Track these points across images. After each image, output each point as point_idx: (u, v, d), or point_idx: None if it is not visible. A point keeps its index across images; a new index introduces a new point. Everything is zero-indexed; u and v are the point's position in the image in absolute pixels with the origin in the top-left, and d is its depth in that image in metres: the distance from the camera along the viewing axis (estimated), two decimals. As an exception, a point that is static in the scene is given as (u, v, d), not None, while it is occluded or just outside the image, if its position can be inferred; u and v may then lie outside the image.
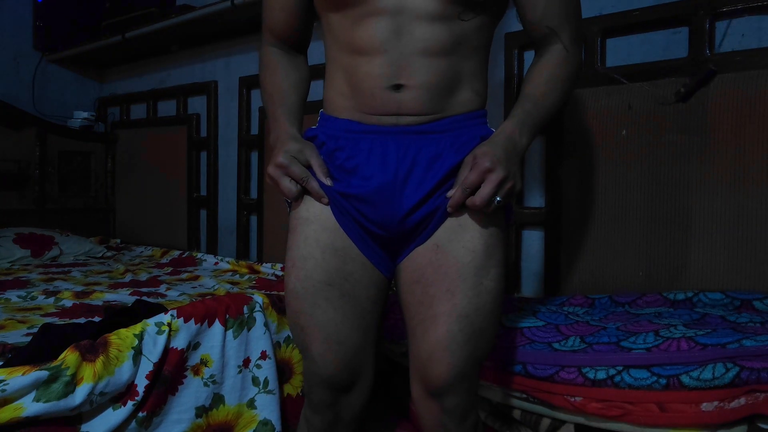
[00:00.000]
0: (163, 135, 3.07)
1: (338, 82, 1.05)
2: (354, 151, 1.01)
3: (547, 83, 1.03)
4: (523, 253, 1.92)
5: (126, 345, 1.26)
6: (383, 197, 0.99)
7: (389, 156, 0.99)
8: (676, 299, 1.47)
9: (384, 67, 0.98)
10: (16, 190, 3.02)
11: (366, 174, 1.00)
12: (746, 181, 1.47)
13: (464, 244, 0.99)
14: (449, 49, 0.98)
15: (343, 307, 1.03)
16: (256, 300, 1.51)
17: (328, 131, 1.05)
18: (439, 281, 1.00)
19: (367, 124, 1.01)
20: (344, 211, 1.02)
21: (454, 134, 1.01)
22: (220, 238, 2.85)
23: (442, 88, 1.00)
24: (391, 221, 1.00)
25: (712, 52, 1.54)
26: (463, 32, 0.99)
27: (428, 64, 0.98)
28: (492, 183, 0.93)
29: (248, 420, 1.45)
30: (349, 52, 1.02)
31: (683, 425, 1.08)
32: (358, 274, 1.03)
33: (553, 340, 1.32)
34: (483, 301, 0.99)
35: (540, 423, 1.25)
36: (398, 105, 0.99)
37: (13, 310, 1.66)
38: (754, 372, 1.04)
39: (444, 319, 0.99)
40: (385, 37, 0.97)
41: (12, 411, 1.11)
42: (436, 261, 1.00)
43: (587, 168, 1.72)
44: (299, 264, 1.03)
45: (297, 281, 1.03)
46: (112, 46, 2.94)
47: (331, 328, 1.02)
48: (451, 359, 0.99)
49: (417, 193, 0.99)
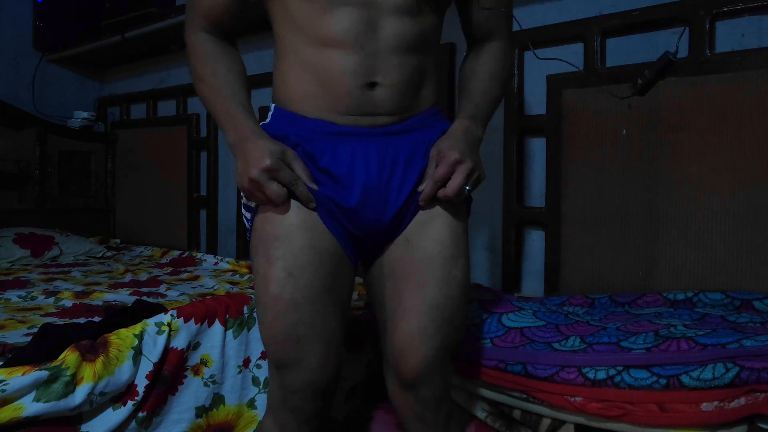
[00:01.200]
0: (163, 135, 3.07)
1: (302, 78, 0.99)
2: (334, 156, 0.98)
3: (491, 79, 1.09)
4: (524, 253, 1.92)
5: (126, 345, 1.26)
6: (370, 208, 1.00)
7: (372, 163, 0.99)
8: (676, 299, 1.47)
9: (358, 64, 0.96)
10: (16, 190, 3.02)
11: (351, 184, 0.98)
12: (747, 181, 1.47)
13: (433, 236, 1.01)
14: (417, 45, 1.00)
15: (336, 312, 1.01)
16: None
17: (299, 132, 1.00)
18: (410, 274, 1.01)
19: (343, 125, 0.99)
20: (333, 216, 1.00)
21: (422, 132, 1.03)
22: (220, 238, 2.85)
23: (413, 85, 1.01)
24: (378, 226, 1.02)
25: (712, 52, 1.54)
26: (427, 28, 1.01)
27: (401, 62, 0.98)
28: (462, 173, 0.97)
29: (248, 420, 1.45)
30: (314, 44, 0.97)
31: (683, 425, 1.08)
32: (345, 277, 1.03)
33: (553, 340, 1.32)
34: (452, 291, 1.01)
35: (540, 423, 1.25)
36: (374, 105, 0.99)
37: (13, 310, 1.66)
38: (754, 372, 1.04)
39: (415, 312, 1.00)
40: (359, 31, 0.95)
41: (12, 411, 1.11)
42: (406, 255, 1.02)
43: (587, 168, 1.72)
44: (298, 273, 0.97)
45: (297, 291, 0.97)
46: (112, 46, 2.94)
47: (330, 335, 1.00)
48: (424, 350, 1.01)
49: (400, 197, 1.00)
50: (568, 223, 1.77)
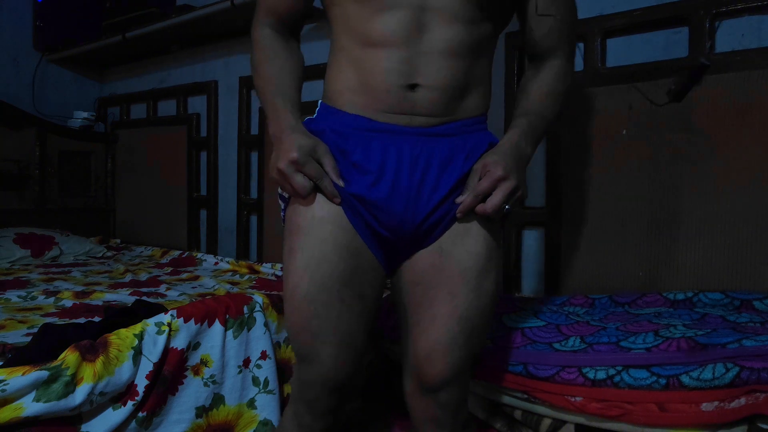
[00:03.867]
0: (163, 135, 3.07)
1: (347, 75, 1.02)
2: (367, 151, 0.99)
3: (548, 97, 1.06)
4: (523, 253, 1.92)
5: (126, 345, 1.26)
6: (398, 203, 0.99)
7: (404, 159, 0.98)
8: (676, 299, 1.47)
9: (400, 64, 0.97)
10: (16, 190, 3.02)
11: (381, 178, 0.98)
12: (747, 181, 1.47)
13: (467, 248, 1.00)
14: (466, 51, 0.99)
15: (355, 308, 1.01)
16: (256, 300, 1.51)
17: (335, 126, 1.02)
18: (441, 284, 1.01)
19: (379, 122, 0.99)
20: (357, 212, 1.00)
21: (463, 138, 1.01)
22: (220, 238, 2.85)
23: (456, 90, 1.00)
24: (406, 228, 1.00)
25: (712, 52, 1.54)
26: (480, 36, 1.00)
27: (445, 66, 0.98)
28: (504, 191, 0.95)
29: (248, 420, 1.45)
30: (362, 44, 1.00)
31: (683, 425, 1.08)
32: (370, 275, 1.03)
33: (553, 340, 1.32)
34: (483, 303, 1.01)
35: (540, 423, 1.26)
36: (412, 105, 0.98)
37: (13, 310, 1.66)
38: (754, 372, 1.04)
39: (444, 320, 1.00)
40: (404, 32, 0.96)
41: (12, 411, 1.11)
42: (438, 264, 1.01)
43: (587, 168, 1.72)
44: (314, 266, 0.98)
45: (312, 285, 0.98)
46: (112, 46, 2.94)
47: (345, 331, 1.00)
48: (450, 359, 1.01)
49: (432, 199, 0.99)
50: (568, 223, 1.77)
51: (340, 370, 1.01)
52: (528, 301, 1.66)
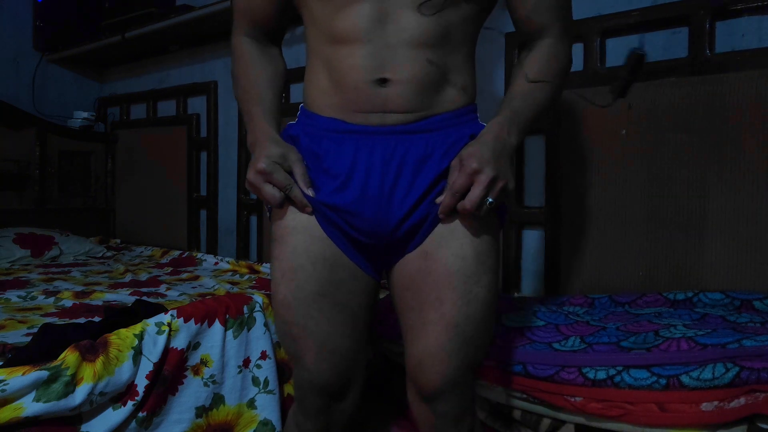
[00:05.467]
0: (163, 135, 3.07)
1: (319, 77, 1.00)
2: (337, 155, 0.97)
3: (538, 78, 0.98)
4: (523, 253, 1.92)
5: (126, 345, 1.26)
6: (371, 207, 0.96)
7: (375, 161, 0.95)
8: (676, 299, 1.47)
9: (367, 59, 0.93)
10: (16, 190, 3.02)
11: (349, 182, 0.96)
12: (746, 181, 1.47)
13: (453, 251, 0.95)
14: (437, 41, 0.94)
15: (335, 316, 1.00)
16: (256, 300, 1.51)
17: (310, 130, 1.00)
18: (428, 289, 0.96)
19: (351, 123, 0.96)
20: (330, 221, 0.98)
21: (443, 133, 0.96)
22: (220, 238, 2.85)
23: (429, 83, 0.95)
24: (381, 232, 0.97)
25: (712, 52, 1.54)
26: (450, 23, 0.94)
27: (413, 56, 0.93)
28: (481, 184, 0.89)
29: (248, 420, 1.45)
30: (329, 42, 0.97)
31: (683, 425, 1.08)
32: (350, 283, 1.01)
33: (553, 340, 1.32)
34: (473, 310, 0.95)
35: (540, 423, 1.26)
36: (384, 101, 0.94)
37: (13, 310, 1.66)
38: (754, 372, 1.04)
39: (432, 328, 0.97)
40: (368, 25, 0.92)
41: (12, 411, 1.11)
42: (425, 268, 0.97)
43: (587, 168, 1.72)
44: (289, 275, 0.99)
45: (288, 292, 1.00)
46: (112, 46, 2.94)
47: (324, 338, 1.00)
48: (440, 368, 0.97)
49: (406, 202, 0.95)
50: (567, 223, 1.77)
51: (322, 373, 1.02)
52: (528, 301, 1.66)
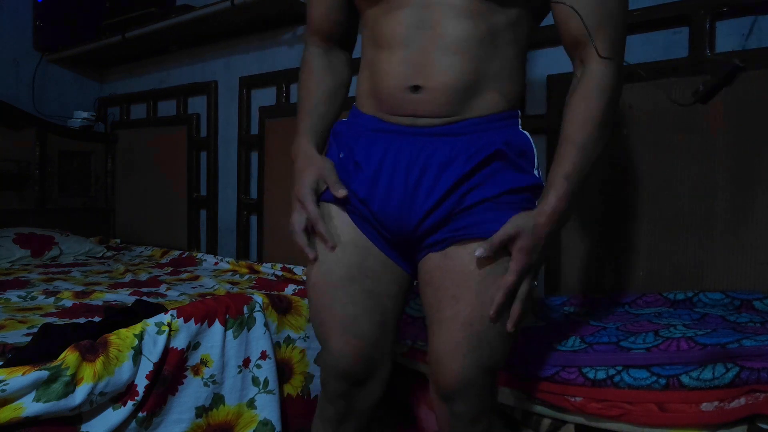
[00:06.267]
0: (163, 135, 3.07)
1: (363, 78, 1.05)
2: (370, 151, 1.00)
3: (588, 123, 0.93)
4: (523, 253, 1.91)
5: (126, 345, 1.26)
6: (395, 203, 0.98)
7: (402, 159, 0.97)
8: (676, 299, 1.47)
9: (402, 65, 0.96)
10: (16, 190, 3.02)
11: (377, 177, 0.99)
12: (746, 181, 1.47)
13: (470, 251, 0.96)
14: (475, 46, 0.94)
15: (363, 302, 1.04)
16: (256, 300, 1.51)
17: (353, 127, 1.06)
18: (446, 286, 0.98)
19: (386, 122, 1.00)
20: (359, 213, 1.03)
21: (472, 137, 0.96)
22: (220, 238, 2.85)
23: (462, 89, 0.95)
24: (404, 228, 1.00)
25: (712, 52, 1.54)
26: (493, 28, 0.94)
27: (449, 64, 0.94)
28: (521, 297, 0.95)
29: (248, 420, 1.45)
30: (374, 46, 1.01)
31: (683, 425, 1.08)
32: (379, 272, 1.04)
33: (553, 340, 1.32)
34: (488, 311, 0.95)
35: (540, 423, 1.25)
36: (415, 106, 0.96)
37: (13, 310, 1.66)
38: (754, 372, 1.04)
39: (448, 325, 0.98)
40: (408, 31, 0.95)
41: (12, 411, 1.11)
42: (444, 265, 0.98)
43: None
44: (321, 258, 1.05)
45: (318, 276, 1.05)
46: (112, 46, 2.94)
47: (349, 322, 1.04)
48: (455, 366, 0.98)
49: (429, 201, 0.96)
50: (568, 223, 1.76)
51: (346, 358, 1.05)
52: (528, 301, 1.66)
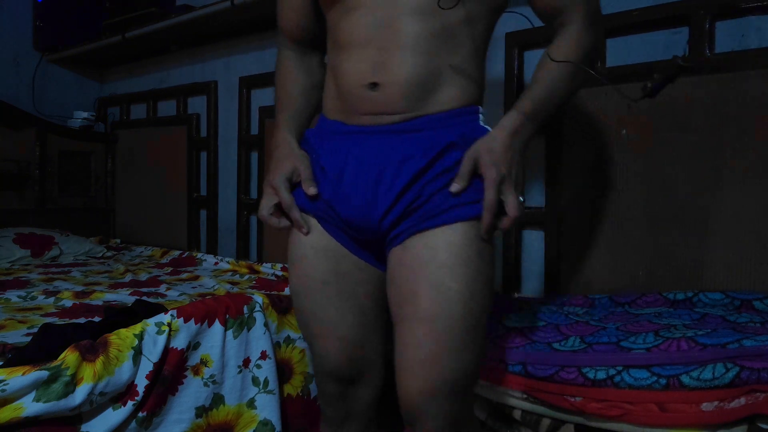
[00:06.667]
0: (163, 135, 3.07)
1: (329, 82, 1.06)
2: (334, 154, 1.02)
3: (557, 69, 0.97)
4: (523, 253, 1.91)
5: (126, 345, 1.26)
6: (359, 202, 0.99)
7: (364, 159, 0.98)
8: (676, 299, 1.47)
9: (361, 63, 0.96)
10: (16, 190, 3.02)
11: (343, 179, 1.00)
12: (746, 180, 1.47)
13: (425, 241, 0.94)
14: (429, 43, 0.95)
15: (341, 305, 1.04)
16: (256, 300, 1.51)
17: (318, 132, 1.07)
18: (406, 282, 0.96)
19: (349, 124, 1.01)
20: (331, 220, 1.04)
21: (431, 133, 0.96)
22: (220, 238, 2.85)
23: (420, 85, 0.95)
24: (369, 227, 1.00)
25: (712, 52, 1.54)
26: (449, 25, 0.95)
27: (406, 61, 0.94)
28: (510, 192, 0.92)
29: (248, 420, 1.45)
30: (335, 48, 1.02)
31: (683, 425, 1.08)
32: (353, 273, 1.05)
33: (553, 340, 1.32)
34: (451, 309, 0.92)
35: (540, 423, 1.25)
36: (374, 104, 0.97)
37: (13, 310, 1.66)
38: (754, 372, 1.04)
39: (409, 324, 0.95)
40: (365, 31, 0.96)
41: (12, 411, 1.11)
42: (403, 259, 0.97)
43: (587, 168, 1.72)
44: (296, 263, 1.07)
45: (296, 279, 1.08)
46: (112, 46, 2.94)
47: (332, 325, 1.05)
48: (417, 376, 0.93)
49: (387, 197, 0.96)
50: (568, 223, 1.77)
51: (332, 359, 1.06)
52: (528, 301, 1.66)
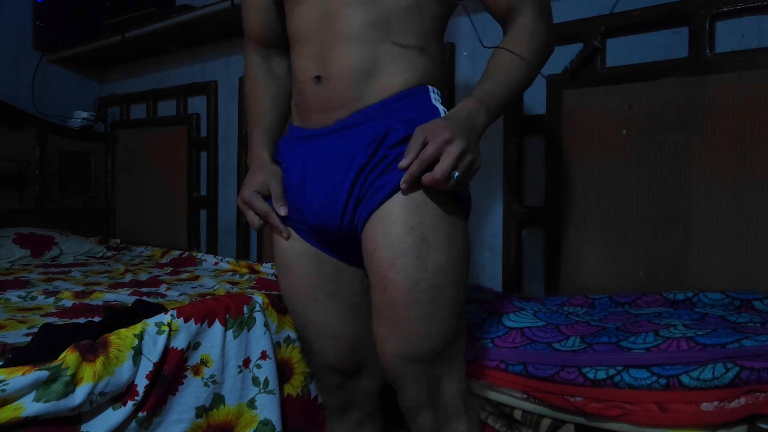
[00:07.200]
0: (163, 135, 3.07)
1: (293, 85, 1.07)
2: (295, 161, 1.03)
3: (511, 61, 0.96)
4: (523, 253, 1.92)
5: (126, 345, 1.26)
6: (321, 206, 1.00)
7: (319, 164, 0.99)
8: (676, 299, 1.47)
9: (308, 58, 0.97)
10: (16, 190, 3.02)
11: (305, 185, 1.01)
12: (746, 180, 1.47)
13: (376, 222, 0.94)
14: (367, 33, 0.94)
15: (331, 306, 1.07)
16: (256, 300, 1.51)
17: (287, 140, 1.09)
18: (371, 263, 0.96)
19: (304, 128, 1.03)
20: (302, 226, 1.06)
21: (372, 124, 0.95)
22: (220, 238, 2.85)
23: (363, 73, 0.95)
24: (334, 227, 1.01)
25: (712, 52, 1.54)
26: (386, 14, 0.94)
27: (344, 51, 0.94)
28: (451, 155, 0.85)
29: (248, 420, 1.45)
30: (292, 47, 1.02)
31: (683, 425, 1.08)
32: (337, 274, 1.08)
33: (553, 340, 1.32)
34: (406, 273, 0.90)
35: (540, 423, 1.25)
36: (321, 99, 0.97)
37: (13, 310, 1.65)
38: (754, 372, 1.04)
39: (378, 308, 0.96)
40: (312, 25, 0.96)
41: (12, 411, 1.11)
42: (367, 246, 0.96)
43: (587, 168, 1.72)
44: (282, 270, 1.11)
45: (286, 286, 1.11)
46: (112, 46, 2.94)
47: (324, 325, 1.08)
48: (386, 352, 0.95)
49: (342, 195, 0.97)
50: (568, 223, 1.77)
51: (329, 357, 1.10)
52: (528, 301, 1.66)
